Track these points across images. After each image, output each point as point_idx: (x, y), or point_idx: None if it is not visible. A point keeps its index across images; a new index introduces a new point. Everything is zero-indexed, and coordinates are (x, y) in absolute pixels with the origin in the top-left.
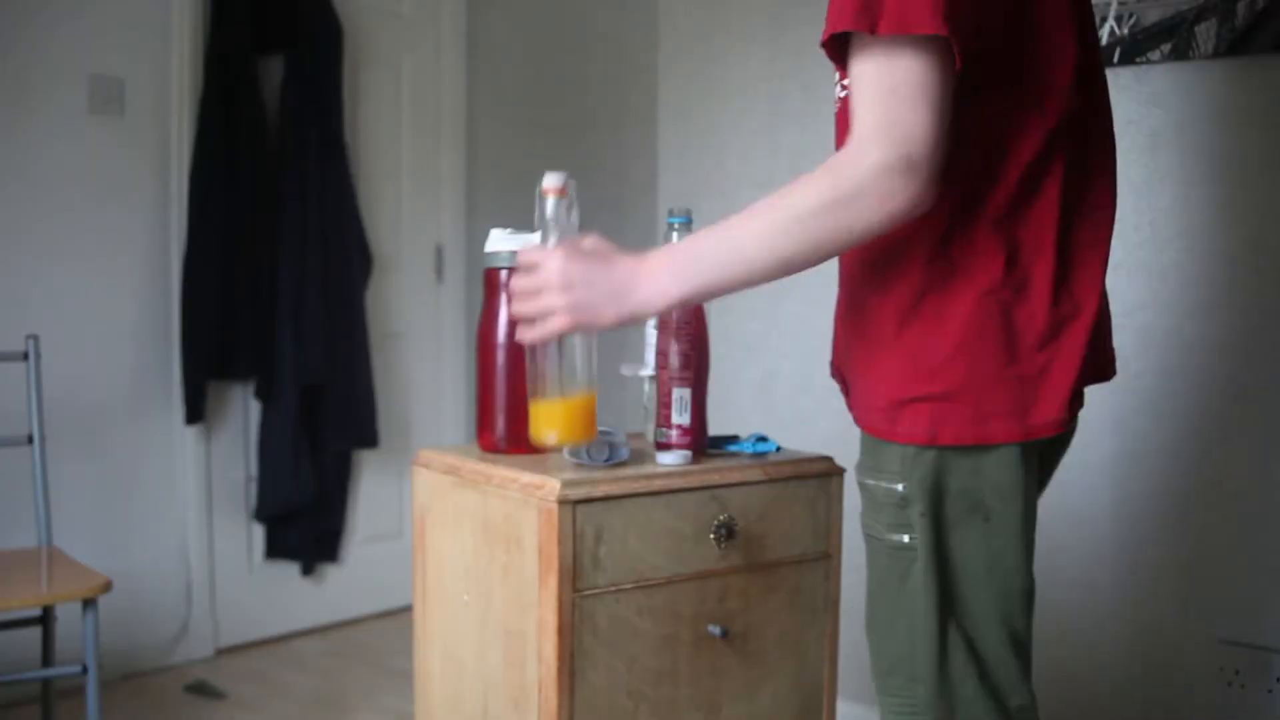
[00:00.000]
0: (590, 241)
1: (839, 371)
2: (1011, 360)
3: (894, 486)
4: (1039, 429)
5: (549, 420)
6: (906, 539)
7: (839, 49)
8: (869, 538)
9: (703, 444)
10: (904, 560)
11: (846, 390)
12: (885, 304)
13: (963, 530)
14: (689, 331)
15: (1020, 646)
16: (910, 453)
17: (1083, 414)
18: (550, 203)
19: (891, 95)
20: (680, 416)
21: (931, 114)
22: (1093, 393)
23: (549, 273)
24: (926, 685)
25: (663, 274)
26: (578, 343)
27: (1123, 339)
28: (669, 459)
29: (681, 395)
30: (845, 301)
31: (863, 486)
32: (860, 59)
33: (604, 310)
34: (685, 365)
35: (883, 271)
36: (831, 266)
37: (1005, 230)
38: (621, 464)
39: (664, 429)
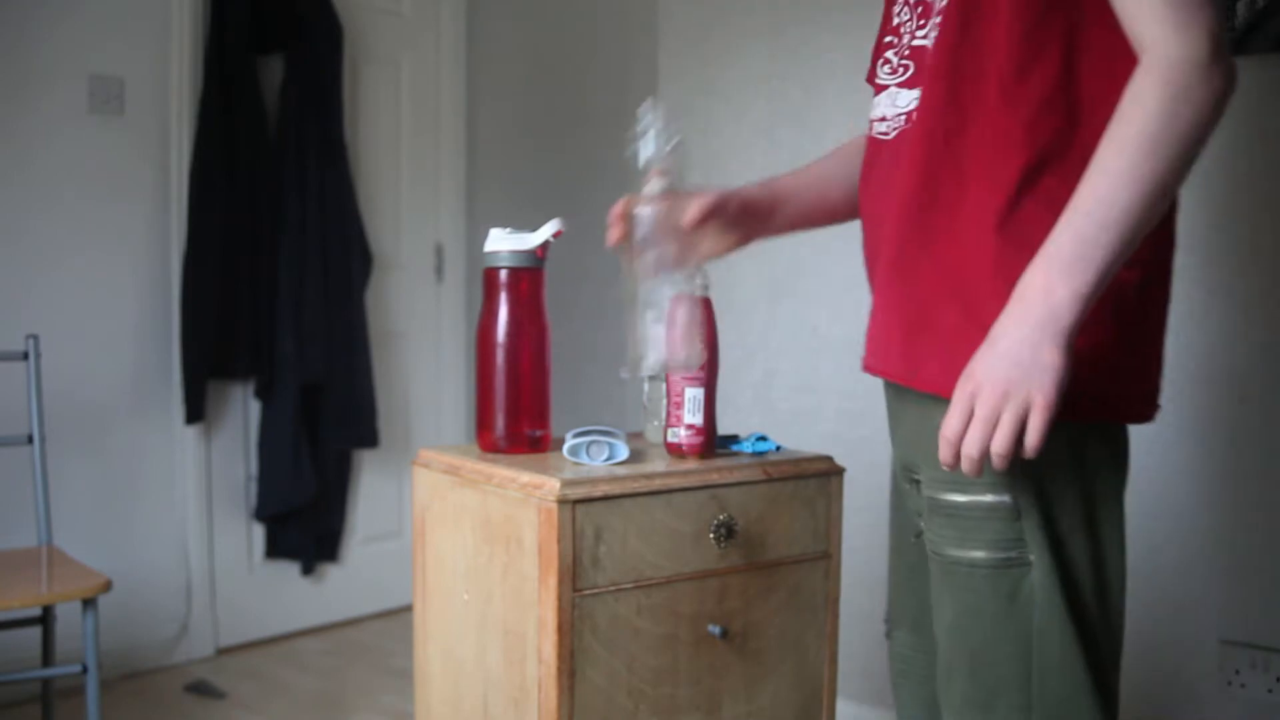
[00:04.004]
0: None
1: (891, 354)
2: (1137, 331)
3: (999, 498)
4: (1149, 411)
5: None
6: (1014, 555)
7: None
8: (947, 560)
9: (713, 444)
10: (1010, 577)
11: (912, 374)
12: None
13: (1080, 530)
14: (700, 330)
15: (1117, 664)
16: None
17: None
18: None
19: None
20: (693, 416)
21: (1207, 9)
22: None
23: (971, 385)
24: (1045, 710)
25: (1058, 287)
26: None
27: None
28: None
29: (694, 395)
30: (933, 251)
31: (939, 505)
32: None
33: (1038, 372)
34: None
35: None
36: (824, 261)
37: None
38: (621, 464)
39: (676, 429)
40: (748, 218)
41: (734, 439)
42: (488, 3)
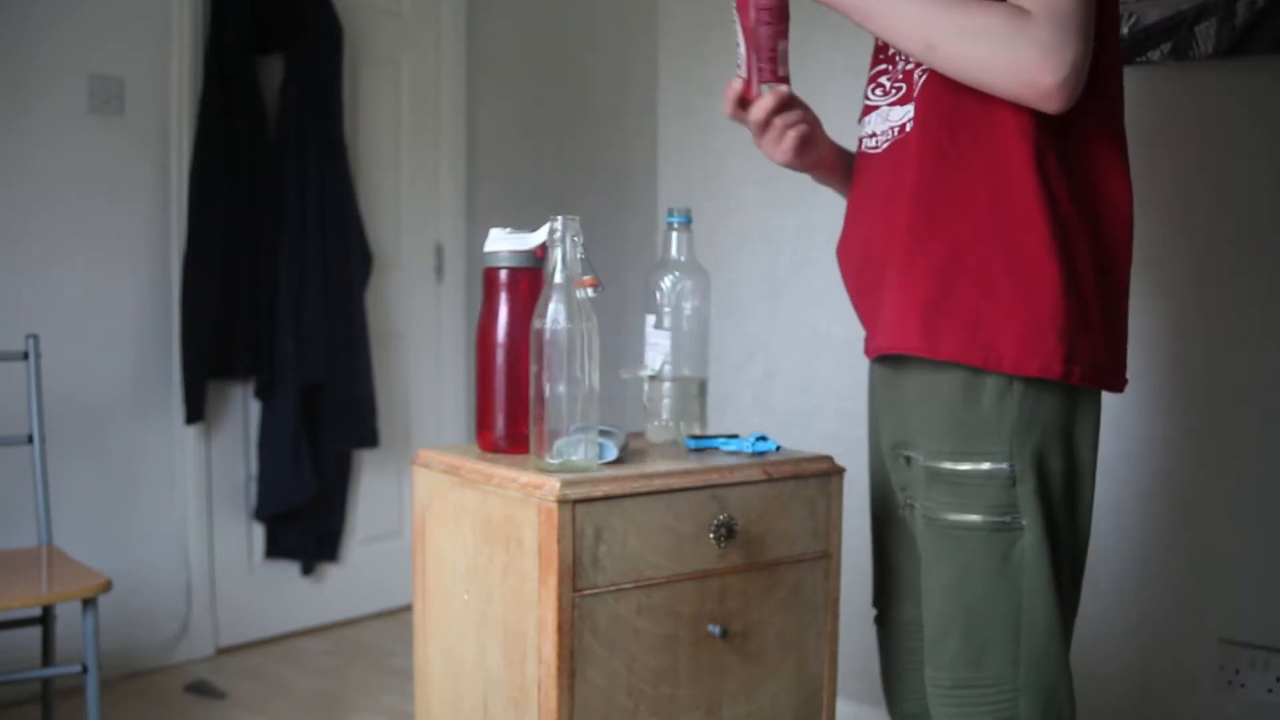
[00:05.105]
0: None
1: (909, 331)
2: (1115, 305)
3: (998, 466)
4: (1122, 383)
5: None
6: (1009, 519)
7: None
8: (944, 525)
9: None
10: (1004, 540)
11: (917, 339)
12: (1030, 219)
13: (1063, 498)
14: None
15: (1072, 623)
16: (1023, 419)
17: None
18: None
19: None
20: (784, 68)
21: (1091, 42)
22: None
23: None
24: (1030, 664)
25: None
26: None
27: None
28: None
29: (784, 47)
30: (946, 222)
31: (940, 474)
32: None
33: None
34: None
35: (1019, 187)
36: (824, 260)
37: (1124, 172)
38: (621, 464)
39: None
40: (815, 138)
41: (734, 439)
42: (488, 3)
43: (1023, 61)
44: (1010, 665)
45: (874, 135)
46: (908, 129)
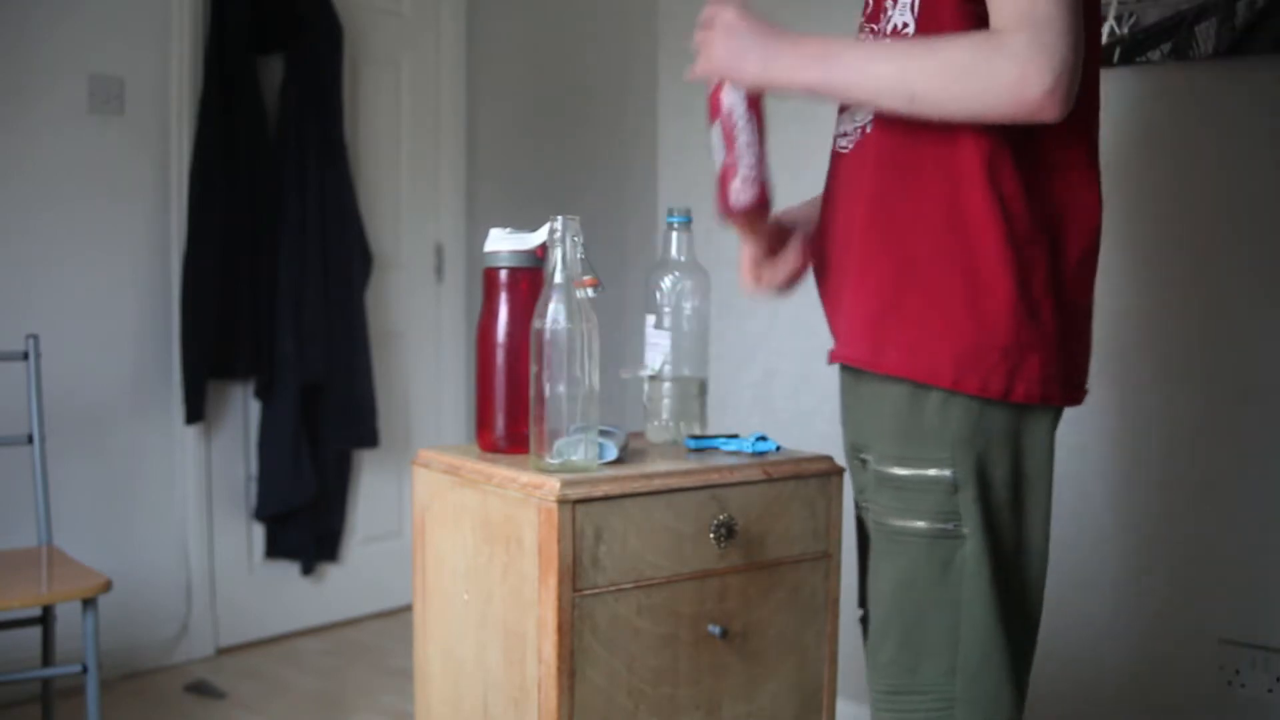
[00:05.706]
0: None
1: (856, 341)
2: (1072, 320)
3: (941, 473)
4: (1079, 395)
5: None
6: (951, 526)
7: None
8: (890, 530)
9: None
10: (946, 547)
11: (869, 356)
12: (966, 245)
13: (1008, 509)
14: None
15: (1033, 639)
16: (966, 428)
17: (1083, 413)
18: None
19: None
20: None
21: (1080, 45)
22: (1092, 392)
23: (720, 20)
24: (967, 675)
25: (809, 59)
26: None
27: (1122, 338)
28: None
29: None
30: (888, 247)
31: (886, 478)
32: None
33: (749, 65)
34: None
35: (959, 209)
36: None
37: (1092, 183)
38: (622, 464)
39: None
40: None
41: (734, 439)
42: (488, 3)
43: (1004, 80)
44: (945, 674)
45: (845, 134)
46: (868, 130)
